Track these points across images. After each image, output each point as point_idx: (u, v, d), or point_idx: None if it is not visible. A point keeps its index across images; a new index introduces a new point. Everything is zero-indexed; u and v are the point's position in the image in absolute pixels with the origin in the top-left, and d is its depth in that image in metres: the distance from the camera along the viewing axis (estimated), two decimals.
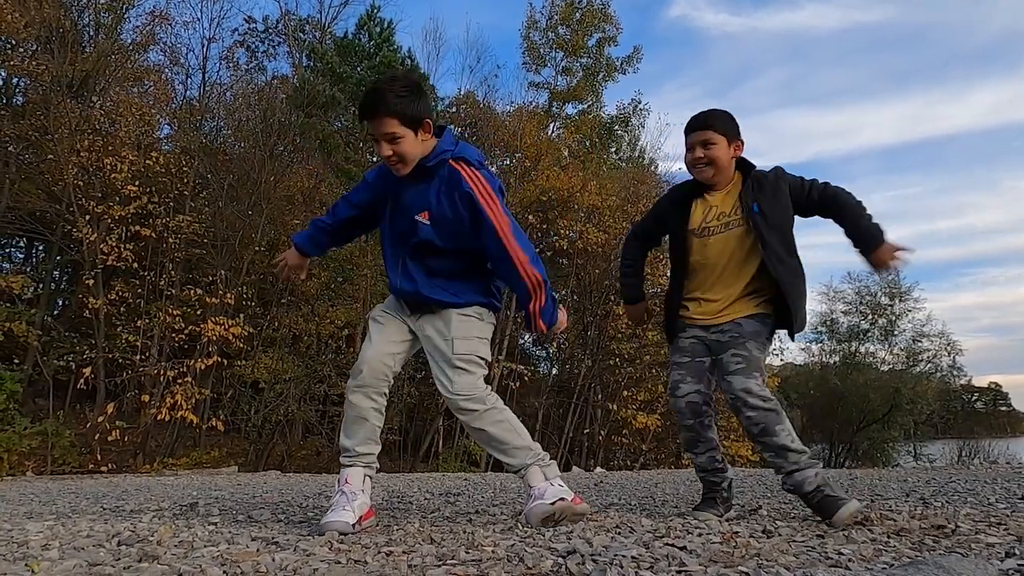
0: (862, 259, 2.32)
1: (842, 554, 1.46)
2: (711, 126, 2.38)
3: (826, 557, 1.43)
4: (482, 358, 2.32)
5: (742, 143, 2.45)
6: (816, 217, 2.46)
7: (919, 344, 24.17)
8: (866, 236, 2.28)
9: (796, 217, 2.45)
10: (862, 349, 24.37)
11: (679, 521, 2.32)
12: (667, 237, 2.61)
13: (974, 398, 54.83)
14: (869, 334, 24.16)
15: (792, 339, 2.49)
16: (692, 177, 2.49)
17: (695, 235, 2.41)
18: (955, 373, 26.10)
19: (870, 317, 24.07)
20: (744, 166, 2.45)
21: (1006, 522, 2.14)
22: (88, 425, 11.44)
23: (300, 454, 13.97)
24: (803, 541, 1.69)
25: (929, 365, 24.36)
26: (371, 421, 2.32)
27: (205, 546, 1.89)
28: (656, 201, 2.75)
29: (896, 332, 24.09)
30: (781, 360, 20.76)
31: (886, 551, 1.50)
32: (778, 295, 2.37)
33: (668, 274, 2.68)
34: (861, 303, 24.46)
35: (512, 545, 1.77)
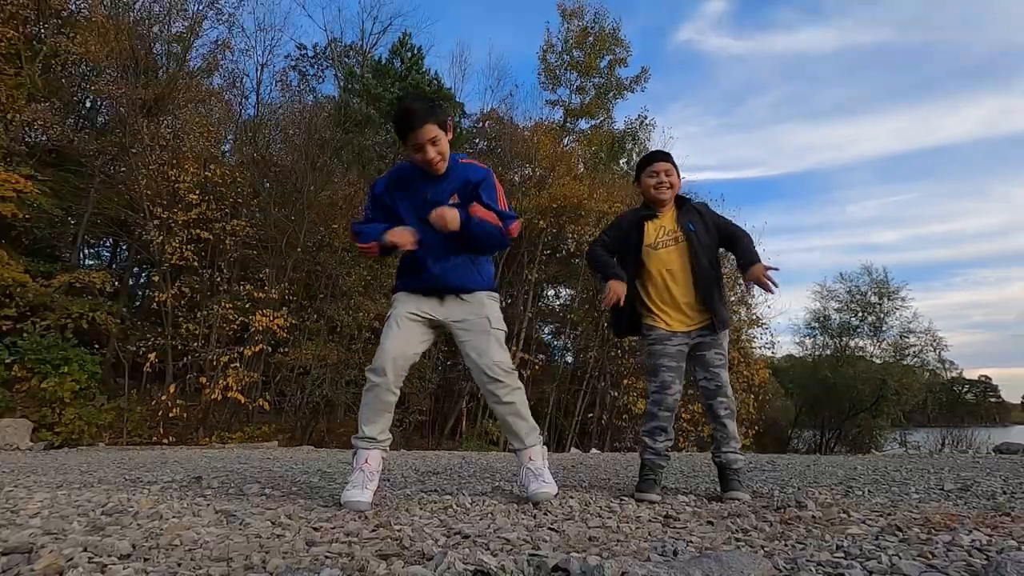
0: (741, 273, 2.68)
1: (691, 543, 1.44)
2: (672, 161, 2.76)
3: (664, 544, 1.41)
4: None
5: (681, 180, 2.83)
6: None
7: (906, 340, 23.53)
8: (749, 257, 2.65)
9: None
10: (852, 344, 23.77)
11: (604, 503, 2.32)
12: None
13: (964, 390, 52.99)
14: (859, 330, 23.56)
15: (716, 333, 2.63)
16: (646, 199, 2.79)
17: (651, 248, 2.72)
18: (945, 366, 25.30)
19: (860, 314, 23.48)
20: (679, 197, 2.82)
21: (896, 513, 2.09)
22: (154, 403, 11.84)
23: (339, 431, 14.21)
24: (694, 528, 1.67)
25: (916, 359, 23.67)
26: (390, 412, 2.39)
27: (173, 517, 1.95)
28: (616, 220, 2.95)
29: (884, 328, 23.49)
30: (772, 352, 20.32)
31: (737, 541, 1.48)
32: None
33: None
34: (852, 301, 23.92)
35: (427, 523, 1.79)
